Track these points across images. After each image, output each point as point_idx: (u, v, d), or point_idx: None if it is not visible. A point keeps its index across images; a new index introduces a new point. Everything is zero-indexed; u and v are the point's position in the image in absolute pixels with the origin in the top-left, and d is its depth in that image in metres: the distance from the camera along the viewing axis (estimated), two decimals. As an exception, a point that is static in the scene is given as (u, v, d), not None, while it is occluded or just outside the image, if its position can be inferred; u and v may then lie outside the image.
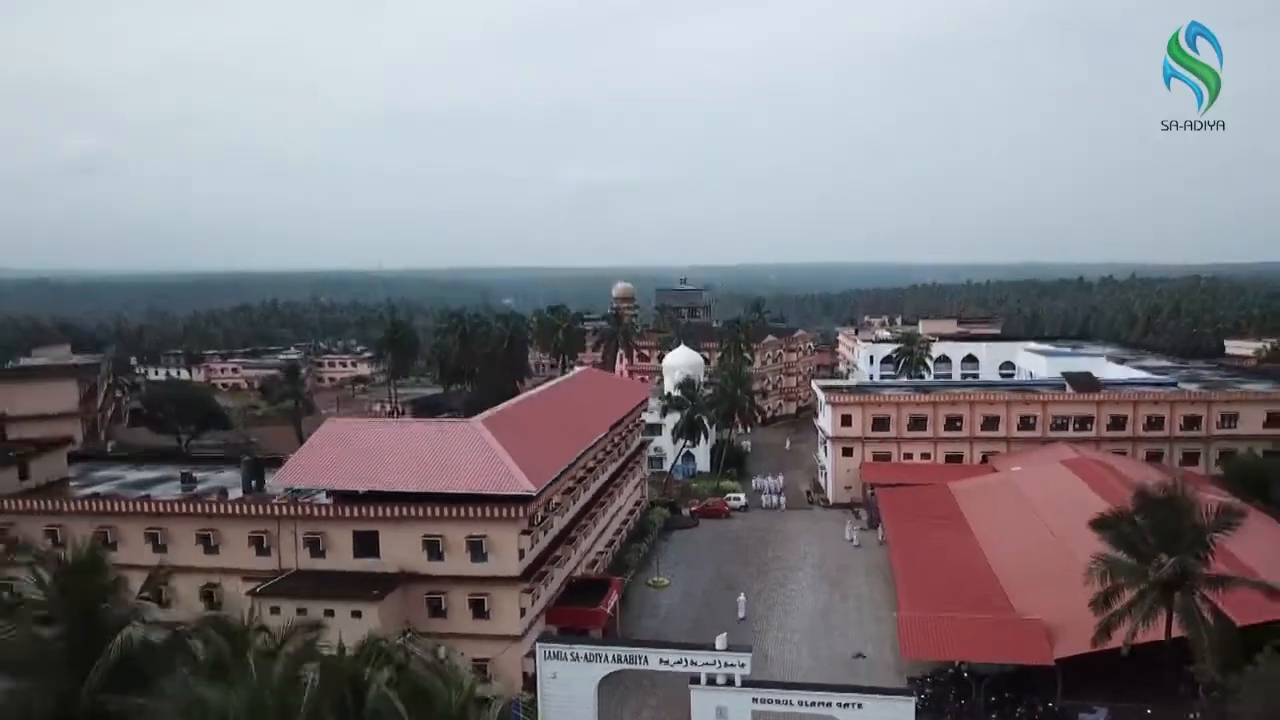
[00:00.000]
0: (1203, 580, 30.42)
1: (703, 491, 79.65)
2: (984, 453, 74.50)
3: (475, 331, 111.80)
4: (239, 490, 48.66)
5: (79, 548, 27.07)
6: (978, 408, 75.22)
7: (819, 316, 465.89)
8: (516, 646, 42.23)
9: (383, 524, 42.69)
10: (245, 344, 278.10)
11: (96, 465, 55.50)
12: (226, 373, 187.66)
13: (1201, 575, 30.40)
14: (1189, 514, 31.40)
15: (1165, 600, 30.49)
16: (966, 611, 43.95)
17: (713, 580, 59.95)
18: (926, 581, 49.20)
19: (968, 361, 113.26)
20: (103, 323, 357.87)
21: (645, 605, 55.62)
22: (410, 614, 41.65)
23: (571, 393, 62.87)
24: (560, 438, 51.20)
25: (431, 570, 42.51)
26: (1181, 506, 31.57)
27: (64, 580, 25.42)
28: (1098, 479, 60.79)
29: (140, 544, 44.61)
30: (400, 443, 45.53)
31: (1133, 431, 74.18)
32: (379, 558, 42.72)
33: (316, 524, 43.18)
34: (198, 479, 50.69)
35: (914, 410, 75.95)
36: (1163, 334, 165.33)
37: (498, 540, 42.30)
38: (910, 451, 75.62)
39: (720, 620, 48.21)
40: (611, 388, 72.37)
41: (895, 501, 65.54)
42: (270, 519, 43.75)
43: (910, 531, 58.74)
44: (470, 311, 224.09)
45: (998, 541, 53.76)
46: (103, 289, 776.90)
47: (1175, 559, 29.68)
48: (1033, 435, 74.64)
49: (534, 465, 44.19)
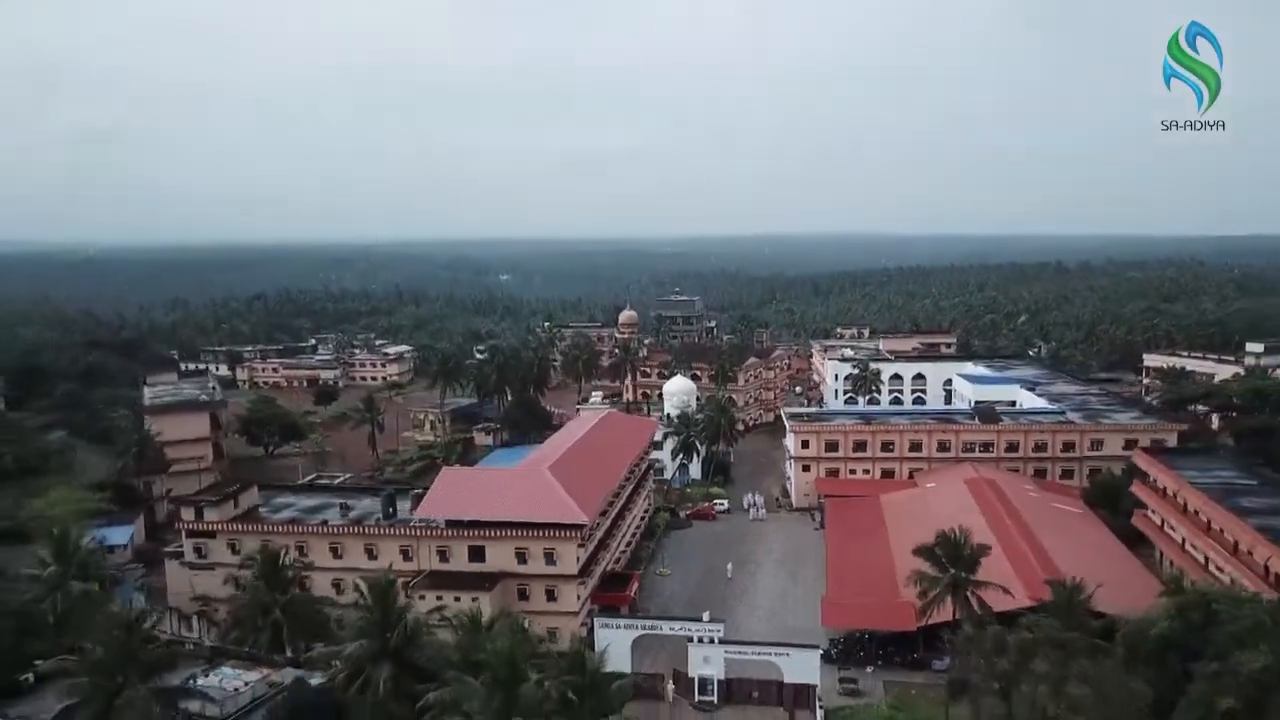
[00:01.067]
0: (971, 584, 53.72)
1: (695, 497, 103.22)
2: (910, 470, 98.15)
3: (509, 361, 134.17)
4: (379, 514, 71.76)
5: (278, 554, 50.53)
6: (905, 434, 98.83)
7: (808, 298, 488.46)
8: (574, 619, 65.74)
9: (488, 541, 66.11)
10: (269, 336, 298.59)
11: (273, 495, 78.31)
12: (267, 372, 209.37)
13: (970, 581, 53.69)
14: (964, 546, 54.69)
15: (954, 595, 53.77)
16: (867, 595, 67.58)
17: (702, 570, 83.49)
18: (846, 573, 72.87)
19: (917, 379, 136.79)
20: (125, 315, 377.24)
21: (654, 589, 79.16)
22: (506, 599, 65.07)
23: (604, 435, 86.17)
24: (600, 475, 74.74)
25: (519, 570, 65.97)
26: (959, 542, 54.87)
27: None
28: (982, 495, 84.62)
29: (325, 552, 68.00)
30: (497, 485, 68.96)
31: (1024, 453, 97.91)
32: (485, 562, 66.13)
33: (443, 540, 66.56)
34: (351, 506, 73.93)
35: (857, 436, 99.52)
36: (1101, 340, 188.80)
37: (562, 551, 65.74)
38: (854, 468, 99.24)
39: (708, 600, 71.76)
40: (630, 427, 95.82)
41: (837, 510, 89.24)
42: (412, 537, 67.16)
43: (843, 534, 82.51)
44: (470, 295, 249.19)
45: (900, 543, 77.12)
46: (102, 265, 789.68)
47: (952, 573, 53.03)
48: (949, 456, 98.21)
49: (585, 500, 67.59)
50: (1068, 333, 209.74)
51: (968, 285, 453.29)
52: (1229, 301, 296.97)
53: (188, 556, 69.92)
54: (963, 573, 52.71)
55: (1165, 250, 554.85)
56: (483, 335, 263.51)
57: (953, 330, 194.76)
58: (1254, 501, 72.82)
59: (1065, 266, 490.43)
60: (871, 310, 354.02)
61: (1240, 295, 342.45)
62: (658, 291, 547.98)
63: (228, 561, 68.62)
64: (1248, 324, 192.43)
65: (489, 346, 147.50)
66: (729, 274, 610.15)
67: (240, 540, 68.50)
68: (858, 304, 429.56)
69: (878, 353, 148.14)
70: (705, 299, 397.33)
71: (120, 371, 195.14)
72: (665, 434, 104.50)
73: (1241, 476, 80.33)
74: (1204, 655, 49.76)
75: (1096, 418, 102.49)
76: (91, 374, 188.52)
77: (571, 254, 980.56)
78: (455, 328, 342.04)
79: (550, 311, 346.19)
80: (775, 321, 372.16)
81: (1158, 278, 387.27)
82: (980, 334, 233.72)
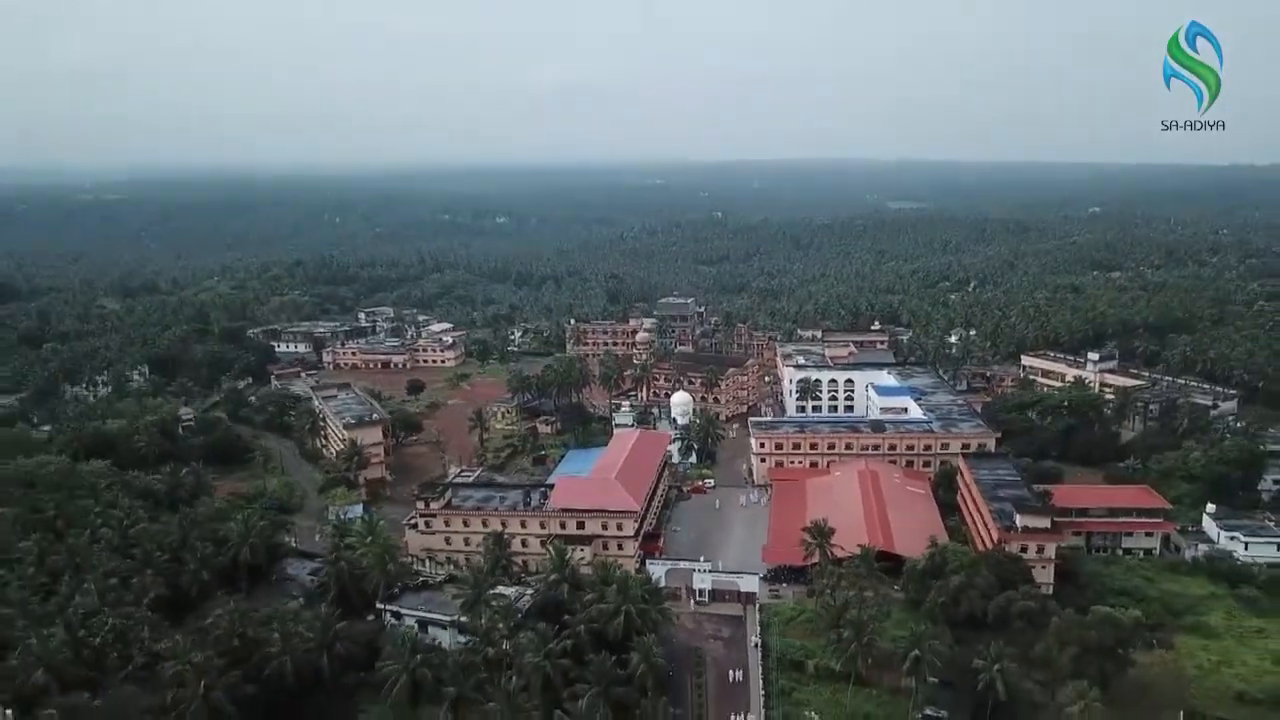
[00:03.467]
0: (827, 543, 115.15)
1: (692, 477, 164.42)
2: (828, 461, 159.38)
3: (561, 377, 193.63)
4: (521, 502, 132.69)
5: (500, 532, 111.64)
6: (824, 439, 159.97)
7: (789, 252, 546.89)
8: (631, 560, 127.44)
9: (586, 517, 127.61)
10: (321, 309, 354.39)
11: (459, 489, 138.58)
12: (346, 355, 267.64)
13: (827, 542, 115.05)
14: (824, 527, 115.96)
15: (820, 548, 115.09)
16: (786, 546, 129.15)
17: (698, 528, 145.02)
18: (781, 530, 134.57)
19: (848, 384, 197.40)
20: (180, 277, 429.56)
21: (671, 541, 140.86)
22: (596, 550, 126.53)
23: (640, 447, 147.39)
24: (642, 476, 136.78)
25: (602, 534, 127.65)
26: (821, 526, 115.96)
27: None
28: (864, 481, 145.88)
29: (497, 525, 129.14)
30: (588, 488, 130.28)
31: (901, 451, 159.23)
32: (584, 530, 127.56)
33: (563, 517, 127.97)
34: (505, 496, 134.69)
35: (795, 439, 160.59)
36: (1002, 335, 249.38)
37: (624, 524, 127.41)
38: (795, 461, 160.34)
39: (703, 547, 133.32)
40: (654, 441, 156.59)
41: (779, 489, 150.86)
42: (549, 516, 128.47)
43: (779, 506, 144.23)
44: (484, 261, 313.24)
45: (812, 513, 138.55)
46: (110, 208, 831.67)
47: (818, 539, 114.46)
48: (853, 453, 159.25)
49: (635, 494, 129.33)
50: (987, 319, 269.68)
51: (933, 244, 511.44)
52: (1154, 272, 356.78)
53: (420, 527, 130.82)
54: (821, 540, 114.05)
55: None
56: (514, 319, 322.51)
57: (886, 331, 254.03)
58: (1007, 492, 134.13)
59: (1024, 225, 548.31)
60: (844, 278, 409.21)
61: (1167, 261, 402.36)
62: (650, 241, 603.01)
63: (441, 530, 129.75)
64: (1150, 317, 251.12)
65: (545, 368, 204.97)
66: (716, 222, 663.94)
67: (450, 518, 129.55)
68: (832, 262, 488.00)
69: (822, 359, 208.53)
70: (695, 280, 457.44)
71: (234, 359, 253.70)
72: (673, 438, 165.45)
73: (1010, 474, 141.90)
74: (941, 577, 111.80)
75: (949, 426, 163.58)
76: (214, 362, 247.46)
77: (560, 189, 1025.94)
78: (476, 294, 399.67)
79: (563, 294, 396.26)
80: (755, 284, 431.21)
81: (1097, 242, 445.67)
82: (924, 309, 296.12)
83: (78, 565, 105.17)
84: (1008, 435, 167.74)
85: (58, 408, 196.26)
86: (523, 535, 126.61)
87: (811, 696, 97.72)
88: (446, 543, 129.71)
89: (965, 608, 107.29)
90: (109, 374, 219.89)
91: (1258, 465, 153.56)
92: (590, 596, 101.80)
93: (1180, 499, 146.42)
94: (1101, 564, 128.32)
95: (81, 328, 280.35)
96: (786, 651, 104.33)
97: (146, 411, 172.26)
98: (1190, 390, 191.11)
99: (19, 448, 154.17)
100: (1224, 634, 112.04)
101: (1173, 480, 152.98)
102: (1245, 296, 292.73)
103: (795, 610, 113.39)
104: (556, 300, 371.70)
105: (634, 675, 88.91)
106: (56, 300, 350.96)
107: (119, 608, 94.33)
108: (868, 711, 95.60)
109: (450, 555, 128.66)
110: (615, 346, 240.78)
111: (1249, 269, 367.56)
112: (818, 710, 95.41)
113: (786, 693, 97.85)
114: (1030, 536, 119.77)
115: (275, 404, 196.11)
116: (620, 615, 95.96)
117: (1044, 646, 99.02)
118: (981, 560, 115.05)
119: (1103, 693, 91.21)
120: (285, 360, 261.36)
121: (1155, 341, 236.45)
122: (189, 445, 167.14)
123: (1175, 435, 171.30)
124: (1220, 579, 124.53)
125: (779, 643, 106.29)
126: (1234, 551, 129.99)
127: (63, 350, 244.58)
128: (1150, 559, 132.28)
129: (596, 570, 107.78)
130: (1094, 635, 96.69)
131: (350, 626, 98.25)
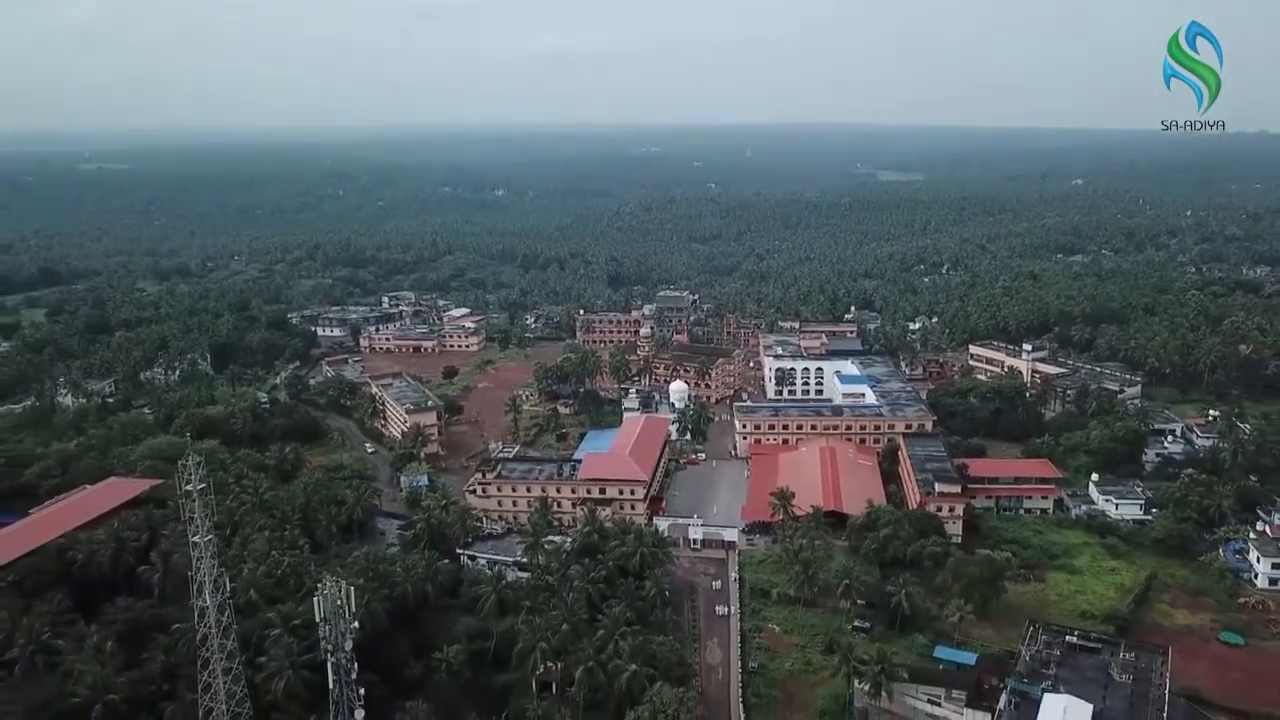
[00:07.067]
0: (788, 505, 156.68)
1: (688, 450, 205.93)
2: (798, 439, 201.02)
3: (577, 367, 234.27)
4: (554, 471, 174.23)
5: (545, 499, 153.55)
6: (794, 420, 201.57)
7: (779, 231, 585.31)
8: (642, 517, 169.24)
9: (608, 484, 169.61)
10: (346, 292, 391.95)
11: (505, 463, 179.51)
12: (381, 340, 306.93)
13: (788, 505, 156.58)
14: (787, 493, 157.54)
15: (784, 509, 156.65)
16: (760, 506, 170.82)
17: (693, 491, 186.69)
18: (757, 494, 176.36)
19: (819, 372, 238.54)
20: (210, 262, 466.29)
21: (671, 502, 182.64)
22: (616, 509, 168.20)
23: (647, 430, 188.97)
24: (649, 452, 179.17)
25: (620, 497, 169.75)
26: (784, 491, 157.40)
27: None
28: (824, 456, 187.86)
29: (539, 491, 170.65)
30: (609, 462, 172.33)
31: (856, 430, 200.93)
32: (605, 494, 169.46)
33: (590, 484, 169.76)
34: (544, 470, 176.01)
35: (770, 420, 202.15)
36: (957, 325, 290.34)
37: (636, 490, 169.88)
38: (771, 439, 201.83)
39: (696, 506, 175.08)
40: (657, 424, 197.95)
41: (757, 460, 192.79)
42: (579, 483, 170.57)
43: (757, 475, 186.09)
44: (493, 245, 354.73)
45: (781, 481, 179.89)
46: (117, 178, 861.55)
47: (781, 501, 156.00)
48: (818, 432, 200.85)
49: (644, 467, 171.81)
50: (948, 308, 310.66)
51: (914, 224, 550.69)
52: (1112, 256, 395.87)
53: (478, 492, 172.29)
54: (784, 502, 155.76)
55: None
56: (526, 304, 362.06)
57: (853, 323, 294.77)
58: (932, 465, 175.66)
59: (1002, 204, 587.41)
60: (828, 261, 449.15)
61: (1126, 245, 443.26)
62: (645, 218, 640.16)
63: (495, 495, 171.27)
64: (1092, 308, 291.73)
65: (563, 359, 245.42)
66: (709, 198, 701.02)
67: (501, 485, 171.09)
68: (817, 241, 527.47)
69: (798, 350, 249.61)
70: (689, 260, 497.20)
71: (285, 345, 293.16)
72: (671, 421, 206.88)
73: (938, 451, 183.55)
74: (874, 530, 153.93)
75: (895, 410, 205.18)
76: (267, 349, 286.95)
77: (557, 159, 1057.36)
78: (486, 277, 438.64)
79: (566, 278, 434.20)
80: (745, 265, 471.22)
81: (1064, 225, 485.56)
82: (895, 295, 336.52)
83: (235, 523, 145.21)
84: (948, 416, 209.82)
85: (149, 393, 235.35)
86: (558, 499, 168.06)
87: (773, 614, 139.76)
88: (499, 505, 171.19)
89: (891, 552, 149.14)
90: (184, 361, 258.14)
91: (1140, 442, 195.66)
92: (614, 543, 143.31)
93: (1080, 469, 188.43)
94: (1003, 521, 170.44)
95: (139, 315, 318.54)
96: (757, 584, 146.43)
97: (239, 398, 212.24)
98: (1103, 377, 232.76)
99: (141, 430, 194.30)
100: (1085, 571, 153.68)
101: (1076, 454, 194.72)
102: (1183, 284, 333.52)
103: (765, 554, 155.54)
104: (561, 283, 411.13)
105: (648, 595, 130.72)
106: (100, 284, 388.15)
107: (284, 552, 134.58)
108: (813, 623, 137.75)
109: (501, 515, 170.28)
110: (620, 335, 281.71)
111: (1200, 254, 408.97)
112: (778, 623, 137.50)
113: (756, 612, 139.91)
114: (945, 499, 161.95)
115: (335, 388, 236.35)
116: (637, 555, 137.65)
117: (942, 577, 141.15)
118: (906, 517, 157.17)
119: (983, 610, 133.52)
120: (325, 344, 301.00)
121: (1090, 331, 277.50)
122: (273, 426, 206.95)
123: (1085, 416, 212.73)
124: (1094, 531, 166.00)
125: (751, 577, 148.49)
126: (1106, 510, 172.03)
127: (131, 338, 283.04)
128: (1044, 517, 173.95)
129: (617, 524, 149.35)
130: (976, 570, 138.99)
131: (440, 565, 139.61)
